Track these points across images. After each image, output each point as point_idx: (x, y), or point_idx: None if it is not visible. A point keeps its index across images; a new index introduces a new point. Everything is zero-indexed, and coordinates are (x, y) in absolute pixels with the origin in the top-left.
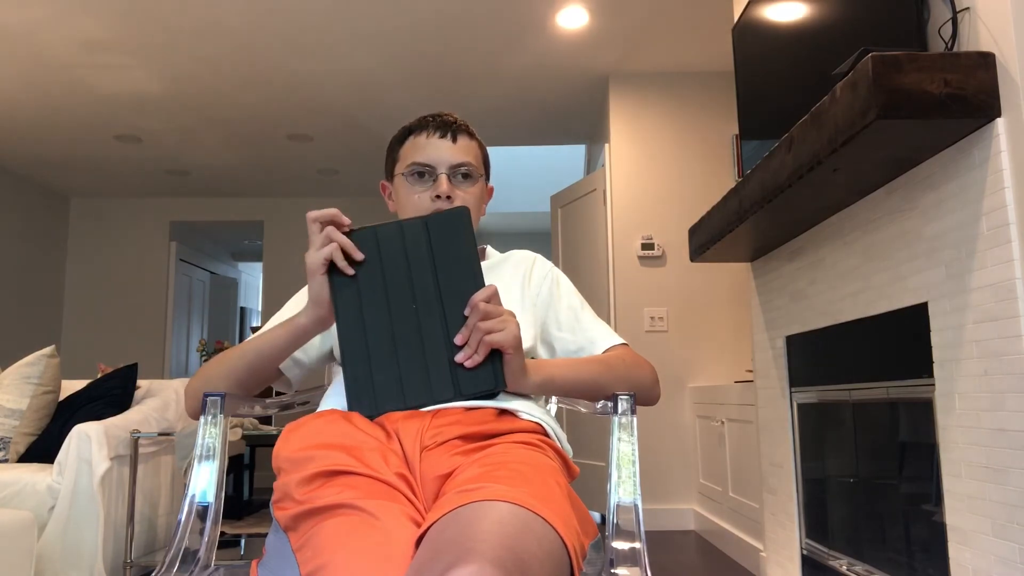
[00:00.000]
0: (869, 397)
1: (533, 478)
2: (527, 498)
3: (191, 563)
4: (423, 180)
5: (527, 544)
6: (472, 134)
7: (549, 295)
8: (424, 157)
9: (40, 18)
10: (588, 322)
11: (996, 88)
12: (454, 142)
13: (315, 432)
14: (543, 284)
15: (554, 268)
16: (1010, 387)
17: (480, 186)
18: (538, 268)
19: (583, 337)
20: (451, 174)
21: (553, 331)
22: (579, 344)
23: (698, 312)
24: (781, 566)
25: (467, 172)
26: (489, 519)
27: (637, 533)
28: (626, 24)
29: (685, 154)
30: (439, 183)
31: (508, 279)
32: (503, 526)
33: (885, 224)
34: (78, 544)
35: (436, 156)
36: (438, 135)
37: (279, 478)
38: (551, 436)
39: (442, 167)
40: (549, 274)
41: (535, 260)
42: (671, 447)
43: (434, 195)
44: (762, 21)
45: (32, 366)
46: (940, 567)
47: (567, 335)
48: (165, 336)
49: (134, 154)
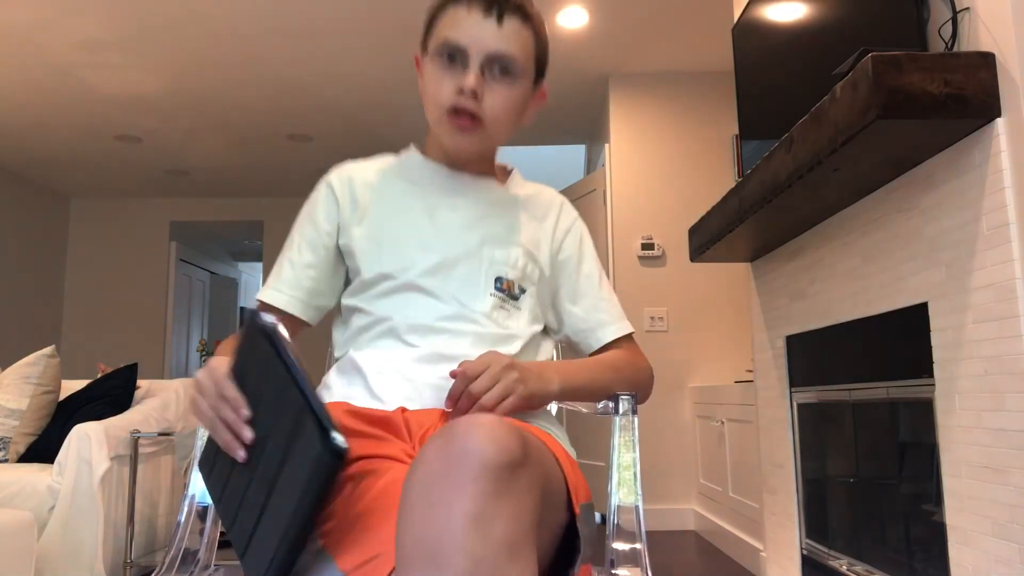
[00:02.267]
0: (869, 397)
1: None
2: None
3: (191, 563)
4: (453, 65)
5: (529, 433)
6: (528, 16)
7: (570, 257)
8: (457, 36)
9: (40, 18)
10: (603, 299)
11: (996, 88)
12: (499, 23)
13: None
14: (567, 240)
15: (579, 220)
16: (1010, 387)
17: (522, 89)
18: (564, 219)
19: (595, 318)
20: (486, 65)
21: (566, 303)
22: (589, 325)
23: (698, 312)
24: (781, 566)
25: (507, 67)
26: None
27: (638, 533)
28: (626, 24)
29: (685, 154)
30: (467, 74)
31: (528, 222)
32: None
33: (885, 224)
34: (78, 544)
35: (472, 37)
36: (481, 11)
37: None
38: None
39: (476, 53)
40: (574, 228)
41: (562, 208)
42: (671, 447)
43: (458, 88)
44: (762, 21)
45: (32, 366)
46: (940, 567)
47: (579, 311)
48: (165, 336)
49: (134, 154)
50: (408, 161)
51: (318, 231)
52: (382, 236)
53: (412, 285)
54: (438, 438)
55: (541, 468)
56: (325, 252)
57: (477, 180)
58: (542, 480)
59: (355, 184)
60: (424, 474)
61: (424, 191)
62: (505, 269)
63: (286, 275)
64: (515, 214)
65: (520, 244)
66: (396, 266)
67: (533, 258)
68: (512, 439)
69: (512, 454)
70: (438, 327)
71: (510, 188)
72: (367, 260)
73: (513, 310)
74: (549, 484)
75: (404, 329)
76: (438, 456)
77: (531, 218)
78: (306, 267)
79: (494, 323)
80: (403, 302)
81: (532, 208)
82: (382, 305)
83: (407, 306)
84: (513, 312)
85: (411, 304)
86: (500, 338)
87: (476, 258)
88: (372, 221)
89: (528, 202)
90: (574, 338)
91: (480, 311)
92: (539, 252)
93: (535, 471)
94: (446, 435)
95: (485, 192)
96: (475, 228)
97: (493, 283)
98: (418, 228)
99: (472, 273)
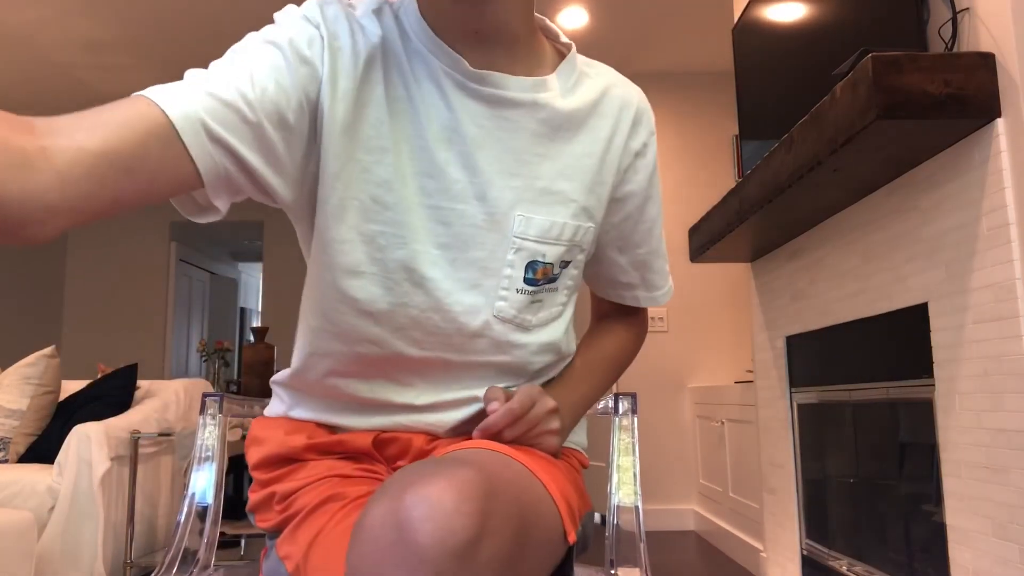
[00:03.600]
0: (869, 397)
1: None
2: (514, 452)
3: (191, 563)
4: None
5: (507, 475)
6: None
7: (633, 194)
8: None
9: (40, 18)
10: (658, 254)
11: (996, 88)
12: None
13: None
14: (635, 170)
15: (654, 136)
16: (1010, 387)
17: None
18: (638, 134)
19: (639, 274)
20: None
21: (612, 252)
22: (630, 280)
23: (698, 312)
24: (781, 566)
25: None
26: (467, 454)
27: (638, 534)
28: (626, 24)
29: (685, 154)
30: None
31: (590, 148)
32: (480, 455)
33: (885, 224)
34: (78, 544)
35: None
36: None
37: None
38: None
39: None
40: (648, 151)
41: (637, 113)
42: (671, 447)
43: None
44: (762, 21)
45: (32, 366)
46: (940, 567)
47: (624, 262)
48: (165, 336)
49: None
50: (402, 29)
51: (286, 84)
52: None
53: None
54: (383, 504)
55: (508, 529)
56: (297, 115)
57: (513, 83)
58: (512, 537)
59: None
60: (369, 554)
61: (425, 101)
62: (543, 249)
63: (219, 76)
64: (571, 138)
65: (573, 199)
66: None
67: (589, 214)
68: (466, 516)
69: (465, 533)
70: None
71: (569, 87)
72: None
73: (548, 295)
74: (528, 531)
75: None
76: (384, 532)
77: (594, 140)
78: (263, 88)
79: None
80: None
81: (597, 118)
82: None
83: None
84: (547, 298)
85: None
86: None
87: (501, 231)
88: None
89: (596, 111)
90: (600, 284)
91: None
92: (598, 199)
93: (498, 537)
94: (393, 505)
95: (532, 108)
96: (512, 177)
97: (523, 272)
98: (416, 177)
99: (492, 257)
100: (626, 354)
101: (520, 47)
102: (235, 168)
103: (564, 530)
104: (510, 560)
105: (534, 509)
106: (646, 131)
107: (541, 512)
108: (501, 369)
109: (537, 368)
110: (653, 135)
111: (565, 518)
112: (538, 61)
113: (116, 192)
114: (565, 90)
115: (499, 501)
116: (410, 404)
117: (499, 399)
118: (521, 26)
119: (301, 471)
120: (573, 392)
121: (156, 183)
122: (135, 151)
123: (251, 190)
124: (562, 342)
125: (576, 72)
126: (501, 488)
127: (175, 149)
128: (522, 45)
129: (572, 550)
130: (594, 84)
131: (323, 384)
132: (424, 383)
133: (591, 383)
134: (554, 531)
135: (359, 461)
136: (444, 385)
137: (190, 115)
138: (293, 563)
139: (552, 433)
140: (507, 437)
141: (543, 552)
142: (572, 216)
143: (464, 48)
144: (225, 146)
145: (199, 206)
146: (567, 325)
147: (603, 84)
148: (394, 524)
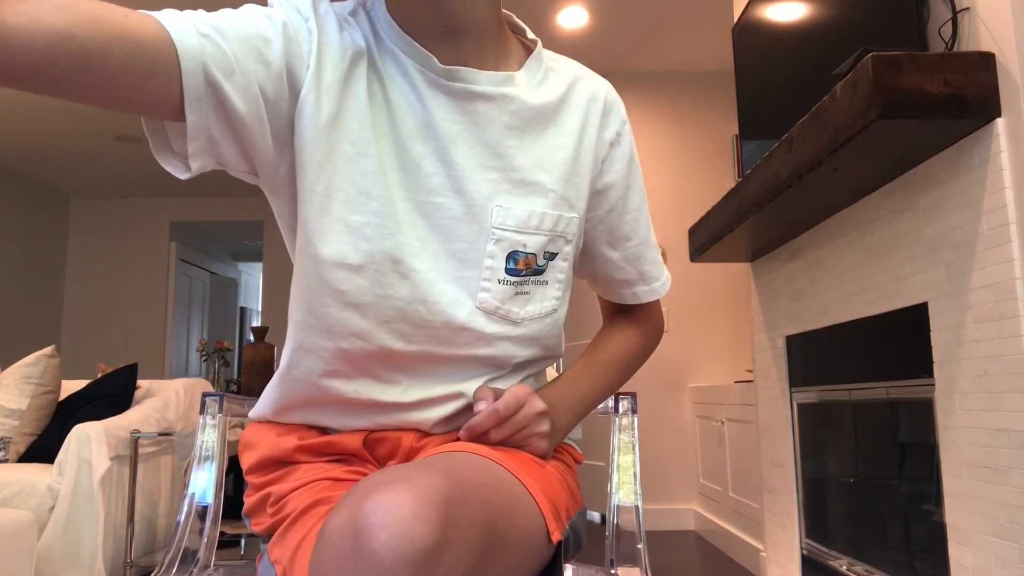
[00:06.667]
0: (869, 397)
1: (517, 455)
2: (495, 453)
3: (191, 563)
4: None
5: (478, 479)
6: None
7: (614, 185)
8: None
9: None
10: (648, 244)
11: (996, 88)
12: None
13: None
14: (612, 159)
15: (627, 125)
16: (1010, 387)
17: None
18: (610, 124)
19: (636, 270)
20: None
21: (601, 246)
22: (628, 276)
23: (698, 312)
24: (781, 566)
25: None
26: (439, 459)
27: (638, 534)
28: (626, 24)
29: (685, 154)
30: None
31: (564, 140)
32: (454, 459)
33: (885, 224)
34: (78, 544)
35: None
36: None
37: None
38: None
39: None
40: (622, 140)
41: (606, 104)
42: (671, 447)
43: None
44: (762, 21)
45: (32, 366)
46: (940, 567)
47: (617, 258)
48: (165, 336)
49: (134, 154)
50: (373, 27)
51: (265, 58)
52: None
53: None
54: (343, 511)
55: (474, 534)
56: (274, 86)
57: (483, 77)
58: (477, 543)
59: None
60: (327, 561)
61: (399, 98)
62: (523, 239)
63: (218, 21)
64: (543, 131)
65: (552, 188)
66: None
67: (570, 204)
68: (424, 522)
69: (424, 540)
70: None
71: (536, 82)
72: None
73: (536, 288)
74: (500, 535)
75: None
76: (342, 540)
77: (566, 133)
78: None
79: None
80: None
81: (567, 112)
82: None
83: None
84: (535, 291)
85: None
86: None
87: (479, 222)
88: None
89: (562, 105)
90: (599, 285)
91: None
92: (578, 190)
93: (462, 544)
94: (351, 512)
95: (502, 102)
96: (487, 170)
97: (504, 263)
98: (388, 174)
99: (472, 248)
100: (634, 353)
101: (489, 40)
102: (217, 107)
103: (548, 531)
104: (475, 567)
105: (508, 512)
106: (617, 120)
107: (519, 514)
108: (487, 363)
109: (519, 362)
110: (626, 124)
111: (548, 518)
112: (506, 55)
113: (60, 76)
114: (533, 85)
115: (464, 507)
116: (396, 402)
117: (487, 399)
118: (489, 19)
119: (294, 474)
120: (573, 392)
121: (117, 87)
122: (101, 50)
123: (224, 136)
124: (550, 338)
125: (543, 67)
126: (468, 493)
127: (165, 68)
128: (491, 38)
129: (560, 550)
130: (561, 78)
131: (308, 386)
132: (409, 379)
133: (593, 383)
134: (535, 533)
135: (350, 463)
136: (430, 381)
137: (195, 55)
138: (282, 567)
139: (541, 436)
140: (493, 438)
141: (520, 556)
142: (551, 206)
143: (434, 44)
144: (216, 88)
145: (170, 150)
146: (559, 324)
147: (570, 78)
148: (352, 531)
